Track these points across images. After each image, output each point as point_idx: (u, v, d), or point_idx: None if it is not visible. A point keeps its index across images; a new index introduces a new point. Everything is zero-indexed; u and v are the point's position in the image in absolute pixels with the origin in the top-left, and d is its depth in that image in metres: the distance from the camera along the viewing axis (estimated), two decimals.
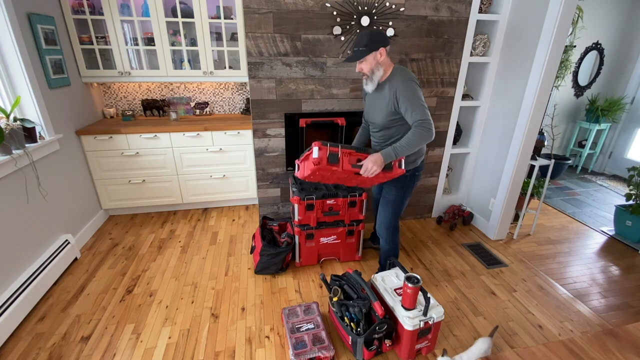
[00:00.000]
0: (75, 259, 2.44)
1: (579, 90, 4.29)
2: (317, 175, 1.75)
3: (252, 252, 2.47)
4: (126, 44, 2.74)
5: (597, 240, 2.85)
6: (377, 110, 1.79)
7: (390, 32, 2.35)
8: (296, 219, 2.24)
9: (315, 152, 1.63)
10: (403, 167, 1.72)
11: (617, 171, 4.38)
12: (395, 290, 1.75)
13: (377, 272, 1.98)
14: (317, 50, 2.33)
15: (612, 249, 2.73)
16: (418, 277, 1.56)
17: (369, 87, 1.75)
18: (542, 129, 2.86)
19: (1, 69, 2.02)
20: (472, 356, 1.35)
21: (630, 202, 2.85)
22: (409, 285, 1.54)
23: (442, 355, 1.30)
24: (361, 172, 1.66)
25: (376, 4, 2.27)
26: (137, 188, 2.93)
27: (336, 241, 2.38)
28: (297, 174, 1.80)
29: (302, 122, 2.47)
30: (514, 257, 2.57)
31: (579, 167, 4.51)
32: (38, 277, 2.02)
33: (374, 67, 1.67)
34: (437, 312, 1.61)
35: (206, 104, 3.25)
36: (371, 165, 1.62)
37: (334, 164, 1.65)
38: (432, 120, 1.60)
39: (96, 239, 2.71)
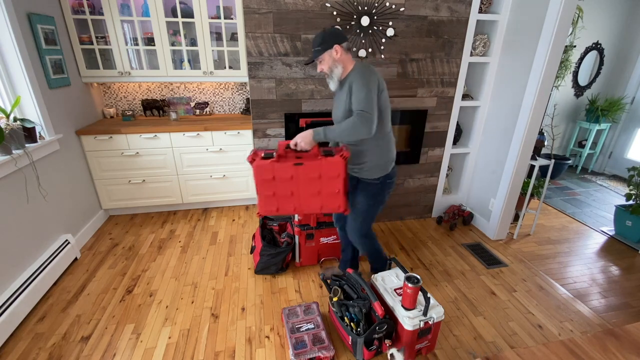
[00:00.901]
0: (75, 259, 2.44)
1: (579, 90, 4.29)
2: (269, 191, 1.71)
3: (252, 252, 2.47)
4: (126, 44, 2.74)
5: (597, 240, 2.85)
6: (338, 108, 1.74)
7: (390, 32, 2.36)
8: (296, 219, 2.24)
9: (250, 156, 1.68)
10: (345, 154, 1.62)
11: (617, 171, 4.38)
12: (395, 290, 1.75)
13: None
14: None
15: (612, 249, 2.73)
16: (418, 277, 1.56)
17: (331, 86, 1.72)
18: (542, 129, 2.87)
19: (1, 69, 2.02)
20: None
21: (630, 202, 2.85)
22: (409, 285, 1.54)
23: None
24: (291, 144, 1.64)
25: (376, 4, 2.27)
26: (137, 188, 2.93)
27: (336, 241, 2.38)
28: (258, 210, 1.78)
29: (302, 122, 2.47)
30: (514, 257, 2.57)
31: (579, 167, 4.51)
32: (38, 277, 2.02)
33: (332, 65, 1.64)
34: (437, 312, 1.61)
35: (206, 104, 3.25)
36: (300, 140, 1.61)
37: (269, 158, 1.64)
38: (375, 118, 1.53)
39: (96, 239, 2.71)
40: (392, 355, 1.60)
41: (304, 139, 1.61)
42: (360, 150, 1.72)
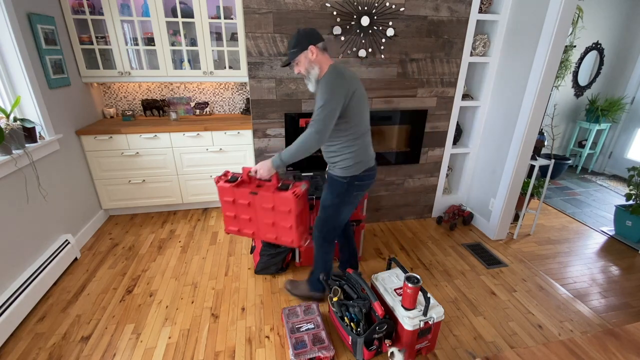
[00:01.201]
0: (75, 259, 2.44)
1: (579, 90, 4.29)
2: (231, 212, 1.80)
3: (252, 252, 2.47)
4: (126, 44, 2.74)
5: (597, 240, 2.84)
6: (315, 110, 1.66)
7: (390, 32, 2.36)
8: None
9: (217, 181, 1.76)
10: (298, 192, 1.62)
11: (617, 171, 4.38)
12: (395, 290, 1.75)
13: (298, 283, 2.06)
14: None
15: (612, 249, 2.73)
16: (418, 277, 1.56)
17: (309, 87, 1.67)
18: (542, 129, 2.87)
19: (1, 69, 2.02)
20: None
21: (630, 202, 2.85)
22: (409, 285, 1.54)
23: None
24: (251, 171, 1.67)
25: (376, 4, 2.27)
26: (137, 188, 2.93)
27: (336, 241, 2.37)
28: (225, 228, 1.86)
29: (302, 122, 2.47)
30: (514, 257, 2.57)
31: (579, 167, 4.51)
32: (38, 277, 2.02)
33: (308, 66, 1.60)
34: (437, 312, 1.61)
35: (206, 104, 3.25)
36: (259, 168, 1.64)
37: (233, 181, 1.73)
38: (326, 128, 1.50)
39: (96, 239, 2.71)
40: (392, 353, 1.60)
41: (262, 167, 1.63)
42: (333, 151, 1.70)
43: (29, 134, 2.06)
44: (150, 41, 2.80)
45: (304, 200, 1.77)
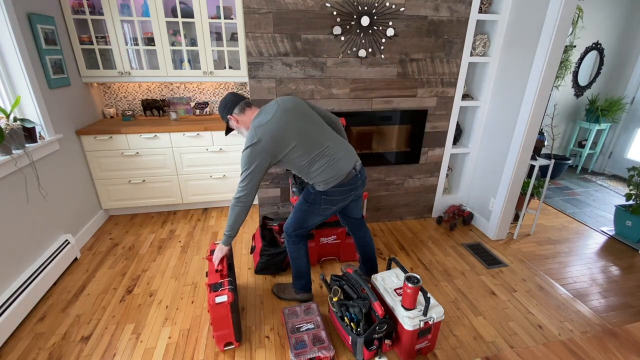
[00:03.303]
0: (75, 259, 2.44)
1: (579, 90, 4.29)
2: None
3: (252, 252, 2.47)
4: (126, 44, 2.74)
5: (597, 240, 2.84)
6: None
7: (390, 32, 2.36)
8: None
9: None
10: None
11: (617, 171, 4.38)
12: (395, 290, 1.75)
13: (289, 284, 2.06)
14: (317, 50, 2.33)
15: (612, 249, 2.73)
16: (418, 277, 1.56)
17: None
18: (542, 129, 2.87)
19: (1, 69, 2.02)
20: None
21: (630, 202, 2.85)
22: (409, 285, 1.54)
23: None
24: (214, 262, 1.77)
25: (376, 4, 2.27)
26: (137, 188, 2.93)
27: (336, 241, 2.38)
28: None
29: None
30: (514, 257, 2.57)
31: (579, 167, 4.51)
32: (38, 277, 2.02)
33: (237, 129, 1.74)
34: (437, 312, 1.61)
35: (206, 104, 3.25)
36: (216, 252, 1.77)
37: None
38: (249, 191, 1.59)
39: (96, 239, 2.71)
40: None
41: (219, 249, 1.76)
42: (298, 176, 1.75)
43: (29, 134, 2.06)
44: (150, 41, 2.80)
45: (226, 310, 1.64)
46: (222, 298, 1.60)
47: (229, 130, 1.82)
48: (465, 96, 2.81)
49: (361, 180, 1.78)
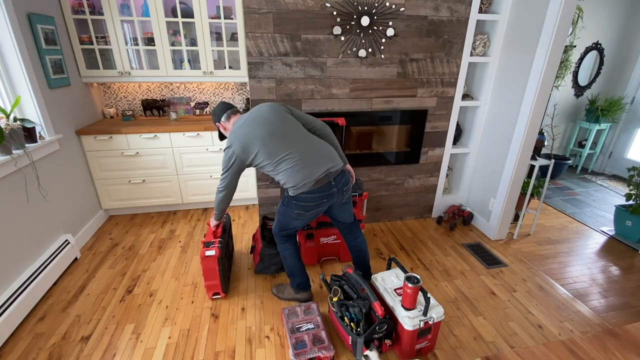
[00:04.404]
0: (75, 259, 2.44)
1: (579, 90, 4.29)
2: None
3: (252, 252, 2.47)
4: (126, 44, 2.74)
5: (597, 240, 2.84)
6: None
7: (390, 32, 2.36)
8: None
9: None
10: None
11: (617, 171, 4.38)
12: (395, 290, 1.75)
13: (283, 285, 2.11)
14: (317, 50, 2.33)
15: (612, 249, 2.73)
16: (418, 277, 1.56)
17: None
18: (542, 129, 2.87)
19: (1, 69, 2.02)
20: None
21: (630, 202, 2.85)
22: (409, 285, 1.54)
23: None
24: (210, 225, 2.10)
25: (376, 4, 2.27)
26: (137, 188, 2.93)
27: (336, 241, 2.38)
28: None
29: None
30: (514, 257, 2.57)
31: (579, 167, 4.51)
32: (38, 277, 2.02)
33: (226, 134, 1.89)
34: (437, 312, 1.61)
35: (206, 104, 3.25)
36: (211, 223, 2.08)
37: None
38: (229, 185, 1.77)
39: (96, 239, 2.71)
40: (366, 356, 1.60)
41: (212, 223, 2.09)
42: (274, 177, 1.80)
43: (29, 134, 2.06)
44: (150, 41, 2.80)
45: (214, 262, 1.95)
46: (211, 252, 1.91)
47: (222, 136, 1.96)
48: (465, 96, 2.81)
49: (337, 188, 1.73)
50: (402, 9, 2.32)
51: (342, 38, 2.33)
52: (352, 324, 1.66)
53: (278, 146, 1.66)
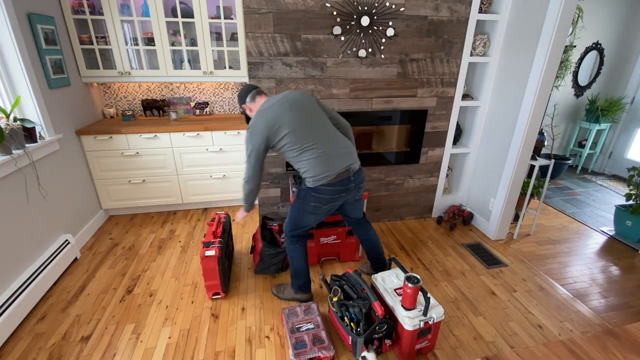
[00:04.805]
0: (75, 259, 2.44)
1: (579, 90, 4.29)
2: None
3: (252, 252, 2.47)
4: (126, 44, 2.74)
5: (597, 240, 2.84)
6: None
7: (390, 32, 2.36)
8: None
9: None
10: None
11: (617, 171, 4.38)
12: (395, 290, 1.75)
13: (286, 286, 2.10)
14: (317, 50, 2.33)
15: (612, 249, 2.73)
16: (418, 277, 1.56)
17: None
18: (542, 129, 2.87)
19: (1, 69, 2.02)
20: None
21: (630, 202, 2.85)
22: (409, 285, 1.54)
23: None
24: (237, 218, 2.00)
25: (376, 4, 2.27)
26: (137, 188, 2.93)
27: (336, 241, 2.38)
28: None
29: None
30: (514, 257, 2.57)
31: (579, 167, 4.51)
32: (38, 277, 2.02)
33: (252, 116, 1.84)
34: (437, 312, 1.61)
35: (206, 104, 3.25)
36: (239, 214, 1.97)
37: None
38: (254, 172, 1.74)
39: (96, 239, 2.71)
40: (363, 357, 1.60)
41: (240, 213, 1.98)
42: (292, 166, 1.81)
43: (29, 134, 2.06)
44: (150, 41, 2.80)
45: (214, 262, 1.94)
46: (211, 252, 1.91)
47: (248, 118, 1.90)
48: (465, 96, 2.81)
49: (355, 184, 1.79)
50: (402, 9, 2.32)
51: (342, 38, 2.33)
52: (352, 324, 1.66)
53: (306, 134, 1.68)
